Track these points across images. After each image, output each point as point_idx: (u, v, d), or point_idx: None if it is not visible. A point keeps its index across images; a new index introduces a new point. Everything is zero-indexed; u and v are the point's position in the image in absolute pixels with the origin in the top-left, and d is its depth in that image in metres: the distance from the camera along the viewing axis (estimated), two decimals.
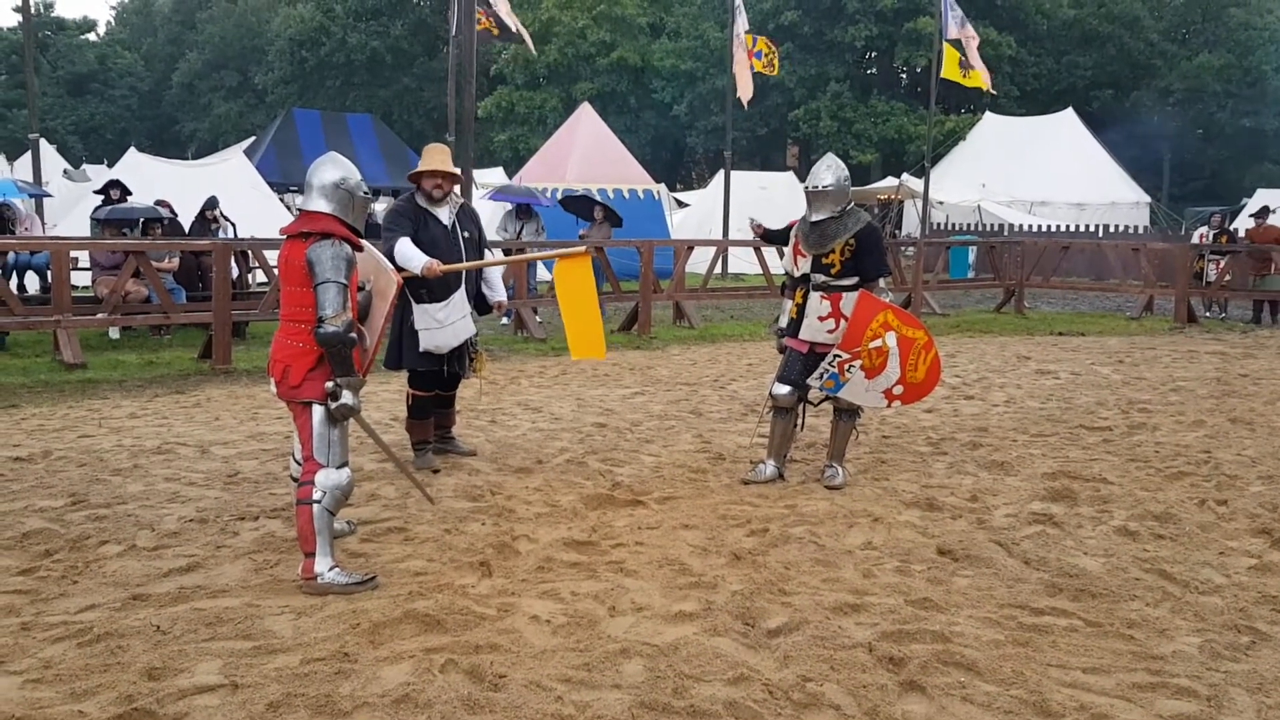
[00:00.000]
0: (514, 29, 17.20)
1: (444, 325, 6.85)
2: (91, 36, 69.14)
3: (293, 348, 4.86)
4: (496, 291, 7.32)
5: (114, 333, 12.98)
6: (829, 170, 6.83)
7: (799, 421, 7.08)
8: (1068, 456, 7.76)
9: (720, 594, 4.81)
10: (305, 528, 4.78)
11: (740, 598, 4.75)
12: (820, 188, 6.77)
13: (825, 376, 6.72)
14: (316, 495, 4.78)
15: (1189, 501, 6.55)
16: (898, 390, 6.78)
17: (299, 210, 5.02)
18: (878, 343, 6.60)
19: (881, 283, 6.83)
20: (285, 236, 4.98)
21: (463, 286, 6.94)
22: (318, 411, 4.84)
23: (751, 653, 4.22)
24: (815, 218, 6.82)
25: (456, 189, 7.24)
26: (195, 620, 4.36)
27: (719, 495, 6.58)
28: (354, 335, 4.79)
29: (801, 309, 6.87)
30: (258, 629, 4.31)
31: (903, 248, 22.09)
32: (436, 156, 7.02)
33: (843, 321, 6.67)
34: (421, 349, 6.88)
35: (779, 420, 7.00)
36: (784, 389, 6.92)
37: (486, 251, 7.51)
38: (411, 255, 6.64)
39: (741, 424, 8.64)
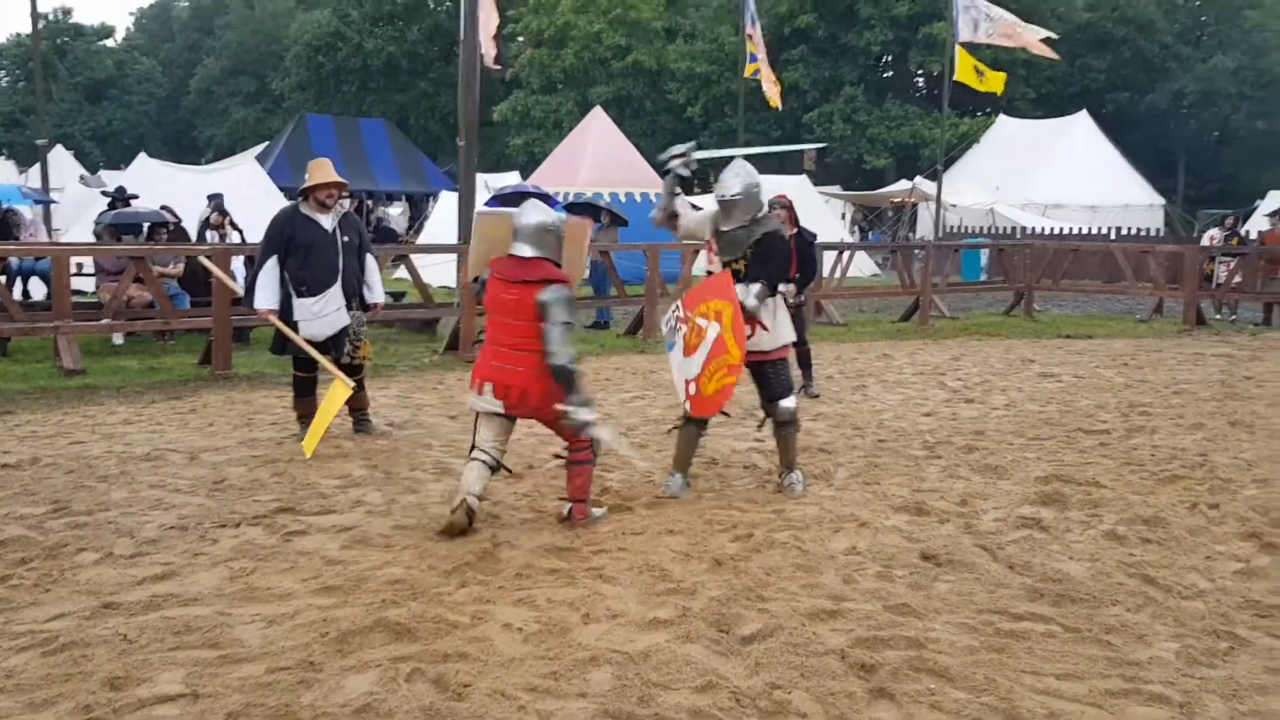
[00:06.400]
0: (492, 56, 16.56)
1: (318, 316, 7.75)
2: (110, 42, 69.71)
3: (528, 374, 5.73)
4: (375, 294, 8.26)
5: (118, 339, 13.02)
6: (736, 179, 6.55)
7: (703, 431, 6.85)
8: (1062, 460, 7.68)
9: (698, 600, 4.77)
10: (586, 483, 5.98)
11: (716, 604, 4.70)
12: (728, 197, 6.52)
13: (669, 325, 6.72)
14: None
15: (1180, 505, 6.47)
16: (692, 390, 6.50)
17: (514, 255, 5.80)
18: (704, 322, 6.37)
19: (782, 287, 6.64)
20: (508, 280, 5.76)
21: (338, 283, 7.79)
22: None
23: (722, 660, 4.17)
24: (725, 227, 6.62)
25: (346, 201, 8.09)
26: (164, 629, 4.33)
27: (707, 500, 6.53)
28: (577, 365, 5.77)
29: None
30: (225, 637, 4.28)
31: (914, 251, 21.97)
32: (324, 170, 7.88)
33: (757, 328, 6.51)
34: (302, 336, 7.75)
35: (690, 429, 6.71)
36: None
37: (368, 256, 8.23)
38: (260, 291, 7.70)
39: (738, 428, 8.56)
